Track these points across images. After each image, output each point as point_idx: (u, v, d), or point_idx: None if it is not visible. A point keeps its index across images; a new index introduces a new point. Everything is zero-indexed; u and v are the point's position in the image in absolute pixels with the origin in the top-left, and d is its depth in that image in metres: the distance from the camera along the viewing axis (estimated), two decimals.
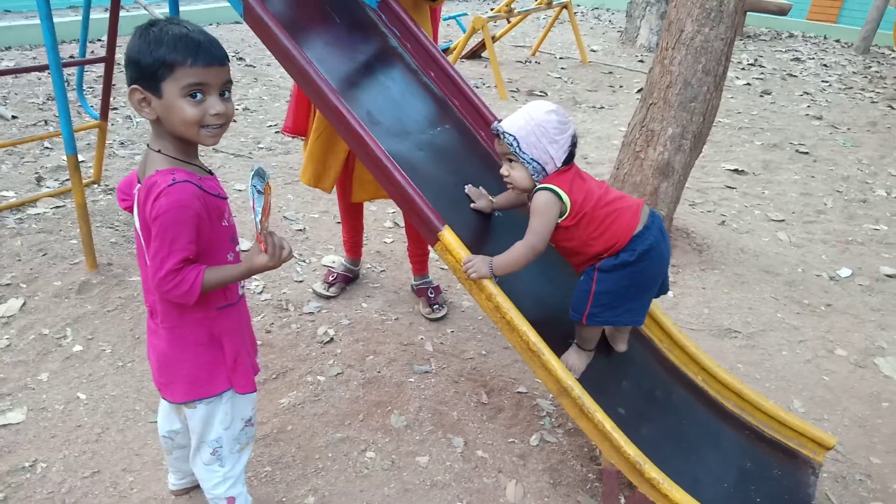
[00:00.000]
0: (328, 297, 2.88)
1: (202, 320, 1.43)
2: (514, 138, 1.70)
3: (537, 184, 1.76)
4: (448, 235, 1.82)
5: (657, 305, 2.20)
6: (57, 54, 2.55)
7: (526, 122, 1.71)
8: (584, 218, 1.74)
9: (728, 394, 2.13)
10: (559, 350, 1.92)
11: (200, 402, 1.49)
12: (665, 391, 2.08)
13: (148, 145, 1.35)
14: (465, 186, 2.09)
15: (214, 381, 1.48)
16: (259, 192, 1.27)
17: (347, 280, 2.98)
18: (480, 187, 2.11)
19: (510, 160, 1.76)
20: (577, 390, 1.73)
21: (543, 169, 1.73)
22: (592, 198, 1.75)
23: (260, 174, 1.28)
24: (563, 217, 1.74)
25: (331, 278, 2.95)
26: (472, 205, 2.08)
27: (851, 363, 2.77)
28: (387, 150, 1.88)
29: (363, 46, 2.26)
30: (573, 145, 1.76)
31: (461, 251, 1.80)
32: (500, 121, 1.78)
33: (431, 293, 2.83)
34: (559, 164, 1.74)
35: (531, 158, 1.71)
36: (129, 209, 1.50)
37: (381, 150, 1.84)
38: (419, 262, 2.85)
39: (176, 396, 1.50)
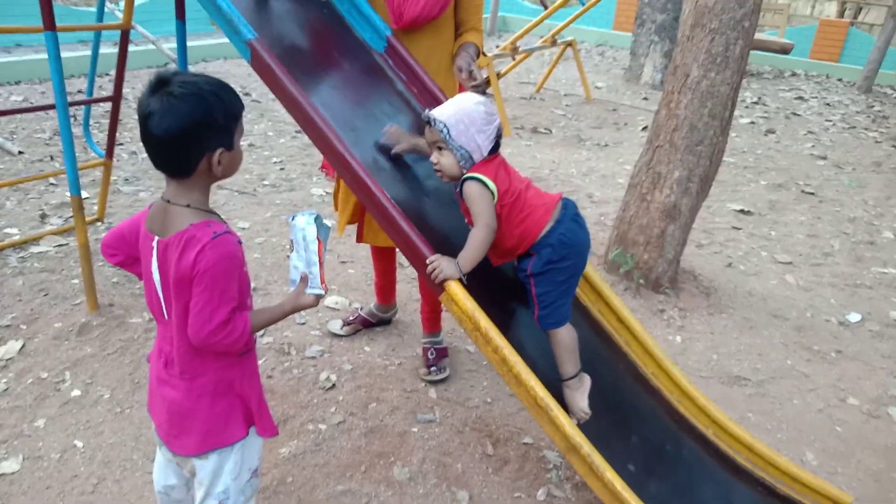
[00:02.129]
0: (336, 337, 2.85)
1: (223, 368, 1.43)
2: (445, 125, 1.75)
3: (464, 171, 1.80)
4: (454, 286, 1.79)
5: (666, 354, 2.16)
6: (64, 97, 2.57)
7: (456, 111, 1.77)
8: (504, 208, 1.79)
9: (739, 447, 2.07)
10: (564, 401, 1.87)
11: (213, 452, 1.46)
12: (675, 445, 2.03)
13: (168, 200, 1.33)
14: (383, 128, 2.09)
15: (229, 429, 1.46)
16: (317, 238, 1.41)
17: (366, 324, 2.94)
18: (396, 125, 2.12)
19: (440, 148, 1.81)
20: (587, 448, 1.68)
21: (471, 157, 1.78)
22: (513, 191, 1.81)
23: (321, 224, 1.41)
24: (494, 201, 1.79)
25: (350, 318, 2.93)
26: (392, 151, 2.08)
27: (864, 413, 2.71)
28: (392, 197, 1.86)
29: (369, 91, 2.26)
30: (498, 137, 1.82)
31: (468, 302, 1.77)
32: (430, 110, 1.82)
33: (432, 354, 2.68)
34: (485, 154, 1.79)
35: (460, 146, 1.76)
36: (120, 265, 1.48)
37: (388, 198, 1.83)
38: (427, 319, 2.72)
39: (188, 448, 1.46)
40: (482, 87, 2.22)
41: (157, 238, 1.34)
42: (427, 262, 1.80)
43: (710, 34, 3.07)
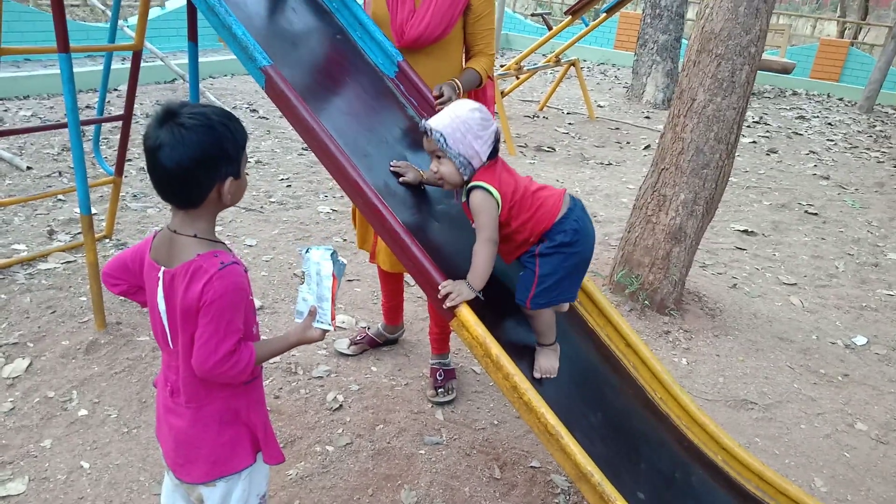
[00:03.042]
0: (343, 356, 2.86)
1: (230, 397, 1.43)
2: (442, 135, 1.77)
3: (465, 178, 1.82)
4: (465, 312, 1.79)
5: (674, 380, 2.16)
6: (76, 116, 2.58)
7: (452, 120, 1.78)
8: (513, 208, 1.82)
9: (749, 475, 2.06)
10: (570, 427, 1.87)
11: (221, 480, 1.46)
12: (684, 473, 2.02)
13: (175, 230, 1.33)
14: (391, 162, 2.09)
15: (236, 457, 1.46)
16: (332, 275, 1.42)
17: (374, 344, 2.95)
18: (406, 161, 2.12)
19: (438, 157, 1.83)
20: (598, 476, 1.67)
21: (470, 163, 1.79)
22: (520, 189, 1.83)
23: (336, 260, 1.43)
24: (498, 211, 1.81)
25: (358, 337, 2.94)
26: (400, 179, 2.09)
27: (873, 438, 2.70)
28: (403, 222, 1.87)
29: (381, 116, 2.28)
30: (497, 141, 1.83)
31: (478, 328, 1.78)
32: (427, 119, 1.84)
33: (440, 375, 2.68)
34: (484, 159, 1.81)
35: (458, 153, 1.78)
36: (123, 294, 1.48)
37: (400, 224, 1.83)
38: (436, 340, 2.72)
39: (194, 476, 1.46)
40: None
41: (163, 268, 1.34)
42: (440, 287, 1.80)
43: (716, 59, 3.10)
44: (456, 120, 1.78)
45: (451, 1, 2.35)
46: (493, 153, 1.84)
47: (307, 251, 1.46)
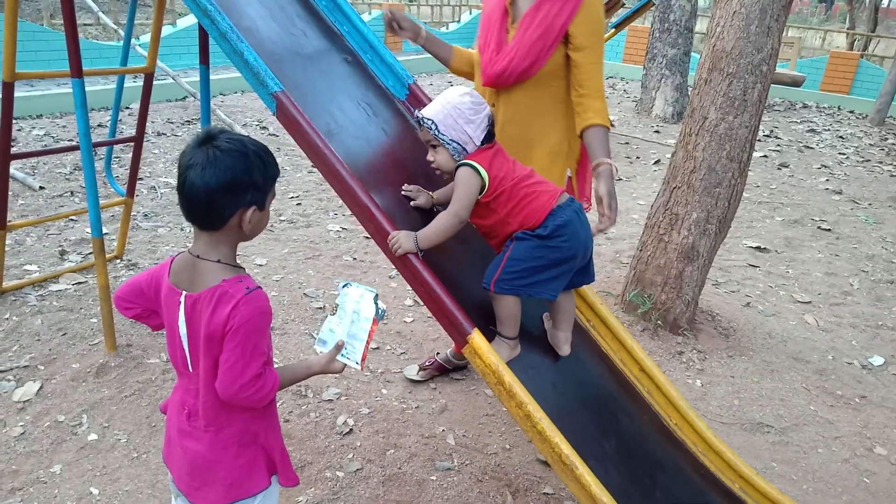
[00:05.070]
0: (352, 379, 2.85)
1: (249, 420, 1.43)
2: (433, 122, 1.77)
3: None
4: (478, 339, 1.77)
5: (690, 406, 2.12)
6: (89, 140, 2.59)
7: (442, 106, 1.78)
8: (502, 195, 1.78)
9: None
10: (584, 455, 1.84)
11: (235, 503, 1.45)
12: (701, 502, 1.98)
13: (198, 255, 1.34)
14: (403, 186, 2.07)
15: (253, 480, 1.45)
16: (374, 318, 1.44)
17: (442, 370, 2.94)
18: (418, 185, 2.11)
19: (434, 146, 1.82)
20: None
21: (464, 149, 1.79)
22: (513, 177, 1.80)
23: (377, 304, 1.44)
24: (482, 192, 1.78)
25: (427, 363, 2.93)
26: (412, 202, 2.07)
27: (893, 463, 2.65)
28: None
29: (393, 140, 2.27)
30: (490, 125, 1.81)
31: (491, 356, 1.75)
32: (420, 110, 1.83)
33: None
34: (478, 143, 1.80)
35: (450, 139, 1.77)
36: (136, 317, 1.48)
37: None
38: None
39: (210, 500, 1.45)
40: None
41: (184, 293, 1.34)
42: (388, 238, 1.78)
43: (727, 78, 3.08)
44: (447, 106, 1.77)
45: (540, 33, 2.12)
46: (489, 137, 1.82)
47: (345, 285, 1.46)
